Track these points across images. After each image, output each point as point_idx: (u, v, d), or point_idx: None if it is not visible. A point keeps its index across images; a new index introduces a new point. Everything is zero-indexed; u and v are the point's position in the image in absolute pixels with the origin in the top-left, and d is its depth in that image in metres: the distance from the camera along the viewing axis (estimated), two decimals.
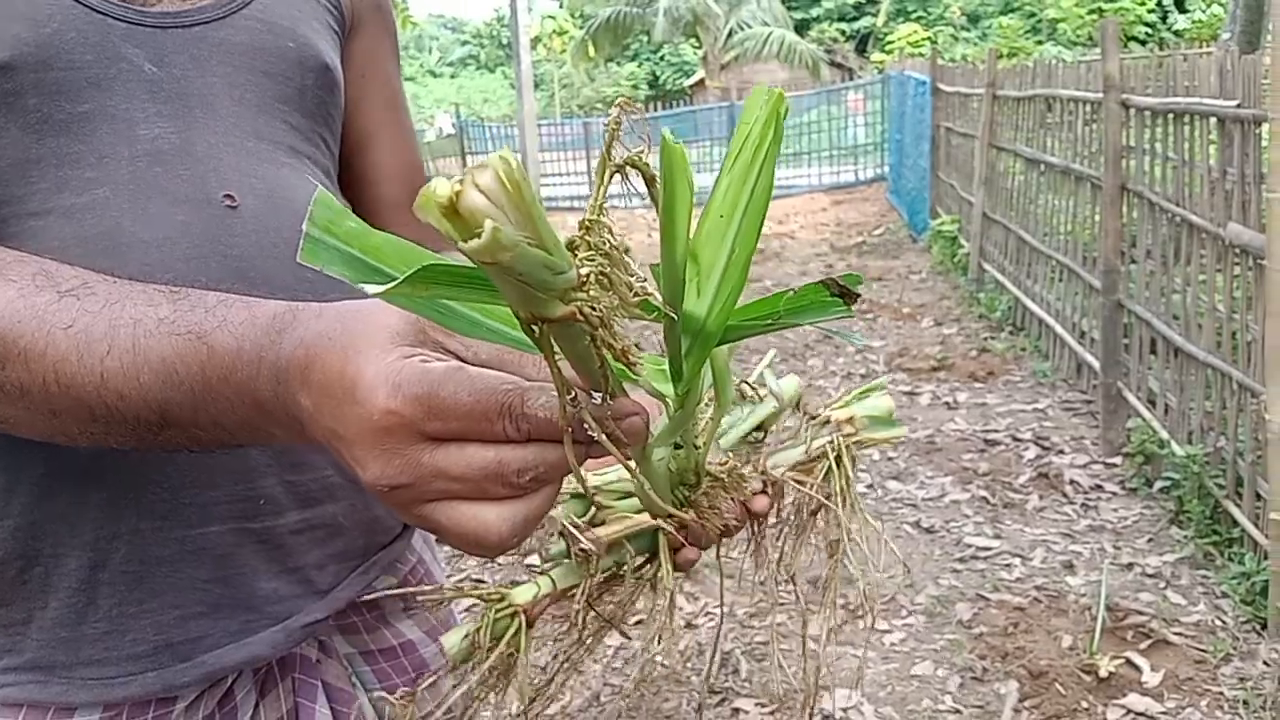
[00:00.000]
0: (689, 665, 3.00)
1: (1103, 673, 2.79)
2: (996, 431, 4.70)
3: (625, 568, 0.68)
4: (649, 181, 0.46)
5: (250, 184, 0.79)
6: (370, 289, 0.43)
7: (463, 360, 0.54)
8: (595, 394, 0.50)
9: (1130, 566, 3.41)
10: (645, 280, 0.46)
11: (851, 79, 24.12)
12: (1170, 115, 3.92)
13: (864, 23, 32.34)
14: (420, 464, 0.50)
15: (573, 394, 0.49)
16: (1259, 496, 3.17)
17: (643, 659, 3.04)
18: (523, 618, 0.68)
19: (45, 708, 0.77)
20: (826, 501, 0.72)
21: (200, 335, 0.59)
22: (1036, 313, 5.81)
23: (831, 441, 0.71)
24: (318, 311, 0.57)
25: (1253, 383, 3.21)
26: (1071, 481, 4.10)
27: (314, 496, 0.82)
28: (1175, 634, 2.97)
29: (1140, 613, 3.08)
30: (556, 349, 0.46)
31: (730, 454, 0.70)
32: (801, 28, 30.94)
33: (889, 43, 27.93)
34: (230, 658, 0.80)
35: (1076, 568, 3.44)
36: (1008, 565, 3.52)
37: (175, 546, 0.77)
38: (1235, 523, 3.32)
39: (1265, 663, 2.79)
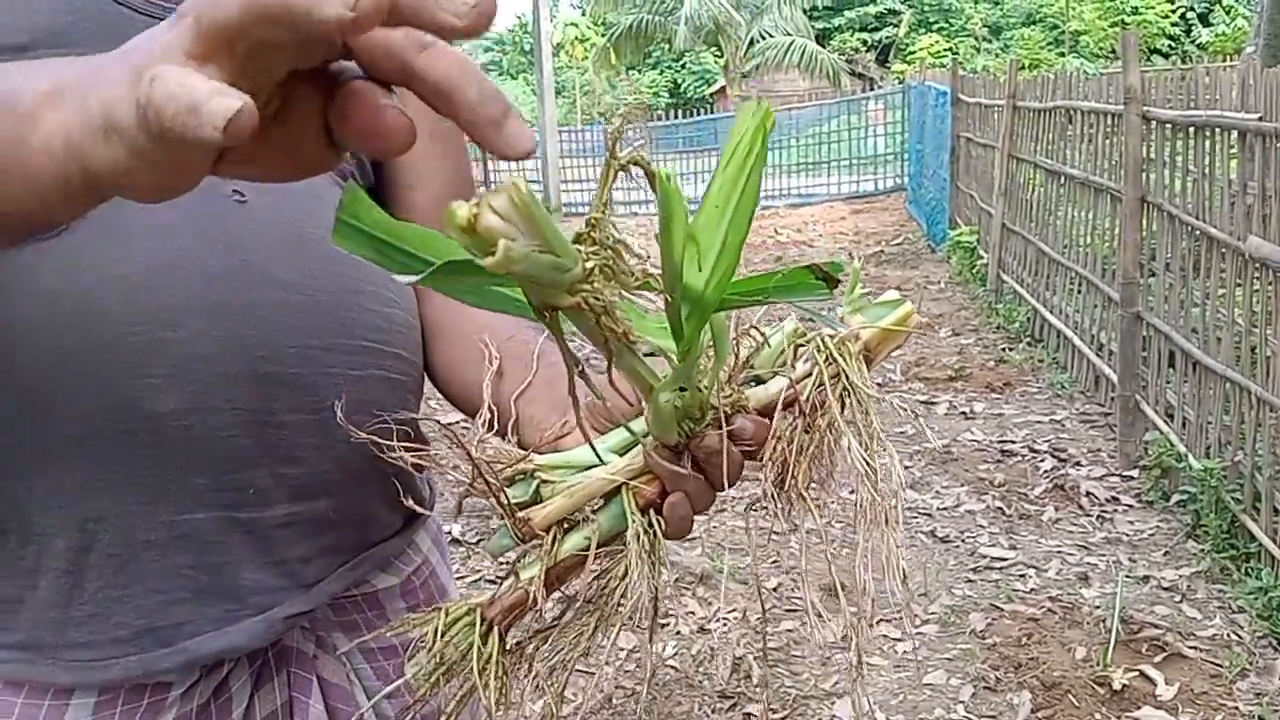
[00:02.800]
0: (701, 669, 3.01)
1: (1116, 685, 2.78)
2: (1013, 442, 4.69)
3: (592, 542, 0.68)
4: (650, 176, 0.52)
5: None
6: (403, 279, 0.51)
7: None
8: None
9: (1146, 579, 3.40)
10: (645, 262, 0.54)
11: (872, 89, 24.07)
12: (1191, 128, 3.91)
13: (886, 33, 32.29)
14: None
15: (580, 368, 0.55)
16: (1277, 511, 3.15)
17: (654, 661, 3.04)
18: (479, 618, 0.68)
19: (44, 688, 0.78)
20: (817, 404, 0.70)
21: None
22: (1055, 324, 5.79)
23: (816, 346, 0.71)
24: None
25: (1272, 397, 3.19)
26: (1088, 493, 4.09)
27: (305, 490, 0.82)
28: (1190, 648, 2.96)
29: (1155, 626, 3.07)
30: (567, 328, 0.54)
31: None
32: (823, 38, 30.92)
33: (910, 53, 27.90)
34: (211, 645, 0.80)
35: (1091, 579, 3.43)
36: (1022, 576, 3.51)
37: (161, 531, 0.77)
38: (1253, 538, 3.30)
39: None
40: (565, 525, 0.70)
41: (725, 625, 3.25)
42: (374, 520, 0.91)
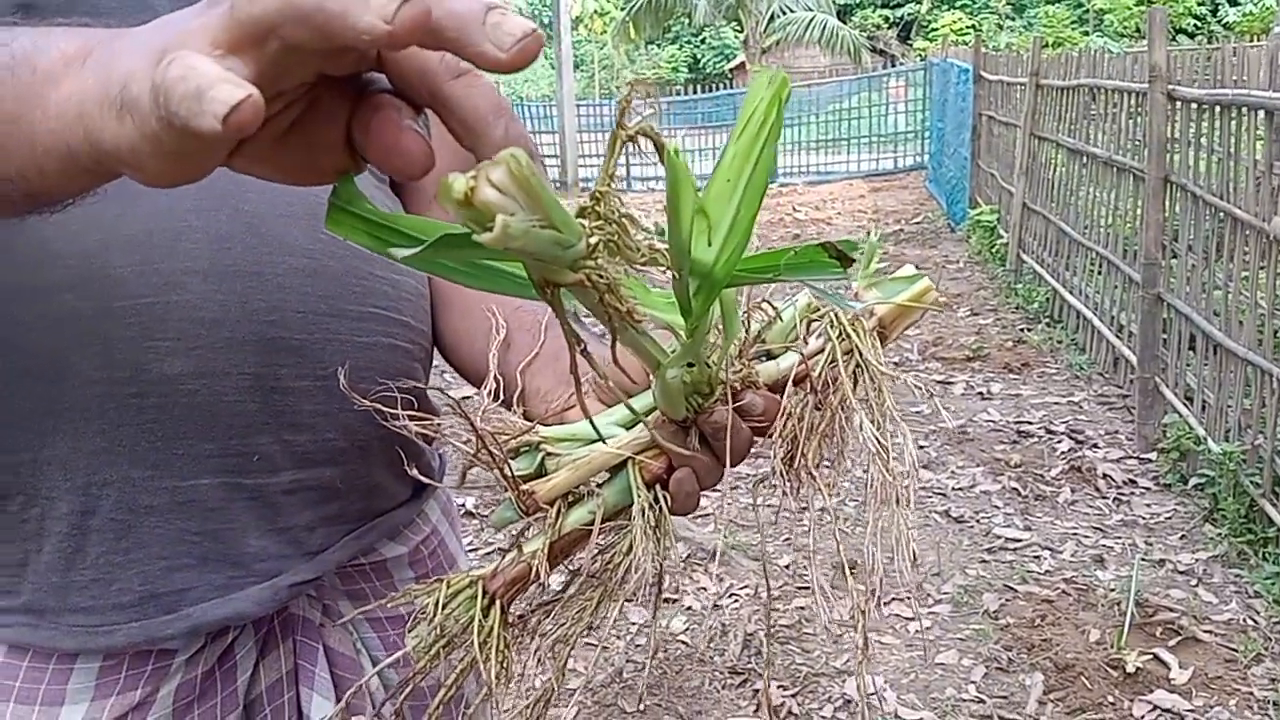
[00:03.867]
0: (712, 645, 3.00)
1: (1130, 668, 2.77)
2: (1030, 423, 4.66)
3: (596, 517, 0.67)
4: (659, 148, 0.50)
5: None
6: (399, 253, 0.48)
7: None
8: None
9: (1161, 563, 3.37)
10: (652, 237, 0.52)
11: (894, 66, 23.88)
12: (1217, 107, 3.86)
13: (908, 10, 32.01)
14: None
15: (583, 346, 0.54)
16: None
17: (664, 636, 3.04)
18: (480, 591, 0.67)
19: (48, 653, 0.77)
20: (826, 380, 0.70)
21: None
22: (1074, 305, 5.75)
23: (830, 322, 0.70)
24: None
25: None
26: (1104, 475, 4.06)
27: (311, 457, 0.81)
28: (1205, 632, 2.94)
29: (1170, 609, 3.05)
30: (569, 305, 0.52)
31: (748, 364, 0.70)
32: (844, 13, 30.65)
33: (933, 30, 27.66)
34: (215, 612, 0.79)
35: (1107, 562, 3.41)
36: (1037, 557, 3.49)
37: (165, 497, 0.76)
38: (1271, 522, 3.27)
39: None
40: (570, 499, 0.69)
41: (737, 602, 3.25)
42: (381, 489, 0.90)
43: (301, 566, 0.83)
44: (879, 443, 0.71)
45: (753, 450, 0.70)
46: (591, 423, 0.68)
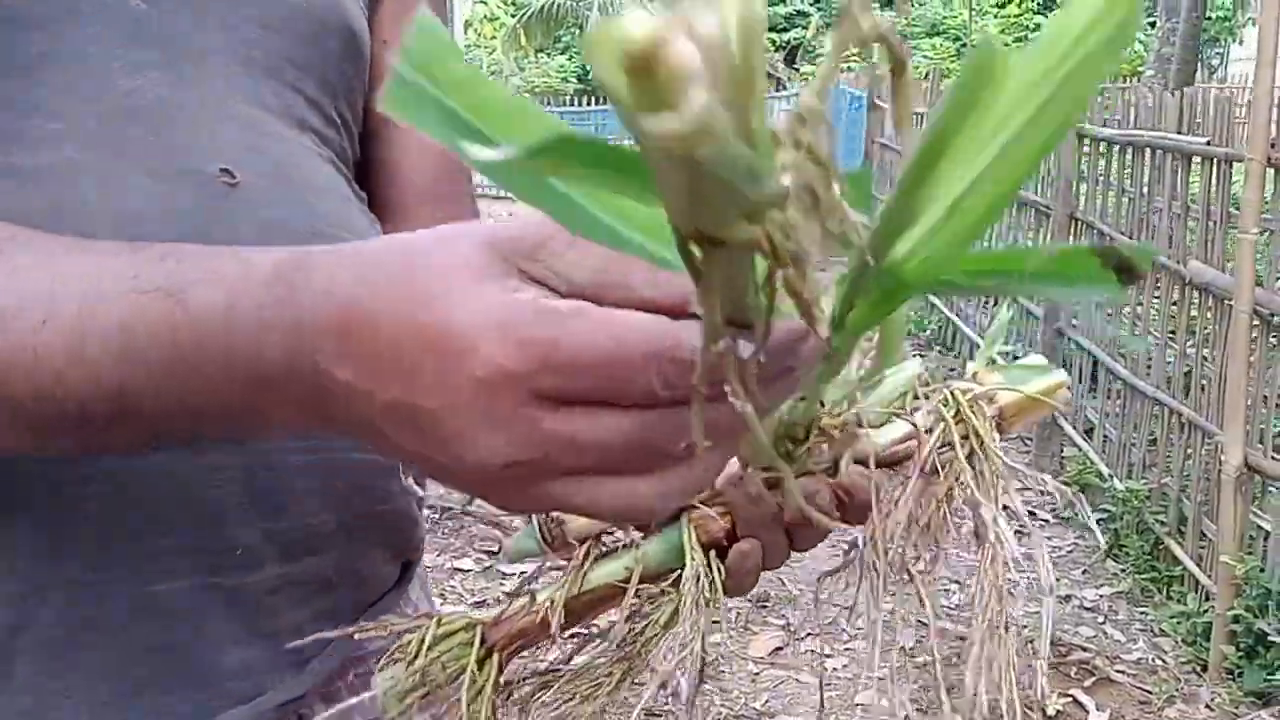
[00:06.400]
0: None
1: (1050, 711, 2.74)
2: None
3: (634, 574, 0.58)
4: (897, 65, 0.32)
5: (252, 158, 0.62)
6: (477, 151, 0.31)
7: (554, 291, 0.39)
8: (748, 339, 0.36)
9: (1067, 598, 3.38)
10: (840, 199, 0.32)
11: (781, 89, 24.24)
12: (1130, 148, 3.91)
13: (794, 34, 32.61)
14: (544, 433, 0.38)
15: (722, 342, 0.34)
16: (1204, 535, 3.15)
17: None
18: (478, 638, 0.56)
19: None
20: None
21: (170, 291, 0.45)
22: (967, 334, 5.81)
23: (945, 402, 0.61)
24: (343, 255, 0.43)
25: (1205, 423, 3.19)
26: (1004, 506, 4.07)
27: (300, 547, 0.66)
28: (1118, 672, 2.94)
29: (1083, 648, 3.05)
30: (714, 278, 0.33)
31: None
32: None
33: (819, 55, 28.25)
34: None
35: (1014, 596, 3.40)
36: (946, 590, 3.45)
37: (120, 605, 0.59)
38: (1176, 561, 3.30)
39: (1208, 706, 2.77)
40: (602, 548, 0.58)
41: None
42: (371, 575, 0.73)
43: (289, 680, 0.66)
44: (998, 551, 0.64)
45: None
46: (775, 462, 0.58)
